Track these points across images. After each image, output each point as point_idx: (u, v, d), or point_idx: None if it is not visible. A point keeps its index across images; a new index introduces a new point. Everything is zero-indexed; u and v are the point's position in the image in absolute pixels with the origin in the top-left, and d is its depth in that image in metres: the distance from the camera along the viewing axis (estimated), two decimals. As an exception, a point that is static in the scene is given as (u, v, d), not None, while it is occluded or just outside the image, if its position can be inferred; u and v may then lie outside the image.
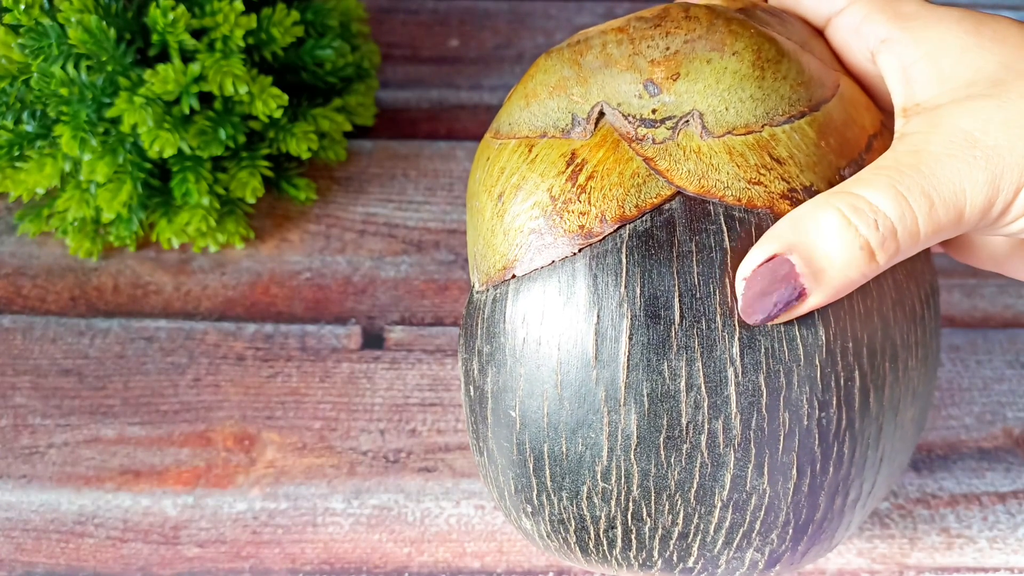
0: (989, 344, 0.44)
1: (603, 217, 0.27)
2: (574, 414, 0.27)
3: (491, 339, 0.28)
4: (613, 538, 0.28)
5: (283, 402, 0.41)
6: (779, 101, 0.28)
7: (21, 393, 0.42)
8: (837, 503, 0.28)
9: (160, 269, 0.45)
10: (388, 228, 0.47)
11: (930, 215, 0.26)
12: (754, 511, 0.27)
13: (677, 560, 0.29)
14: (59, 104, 0.42)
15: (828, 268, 0.26)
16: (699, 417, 0.26)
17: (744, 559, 0.28)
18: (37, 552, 0.37)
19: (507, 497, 0.30)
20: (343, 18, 0.48)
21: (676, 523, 0.27)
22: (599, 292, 0.27)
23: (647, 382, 0.26)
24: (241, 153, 0.45)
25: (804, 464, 0.27)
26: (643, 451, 0.27)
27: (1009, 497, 0.39)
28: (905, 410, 0.29)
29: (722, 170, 0.27)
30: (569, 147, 0.28)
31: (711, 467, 0.27)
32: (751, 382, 0.26)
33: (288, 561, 0.37)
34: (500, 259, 0.28)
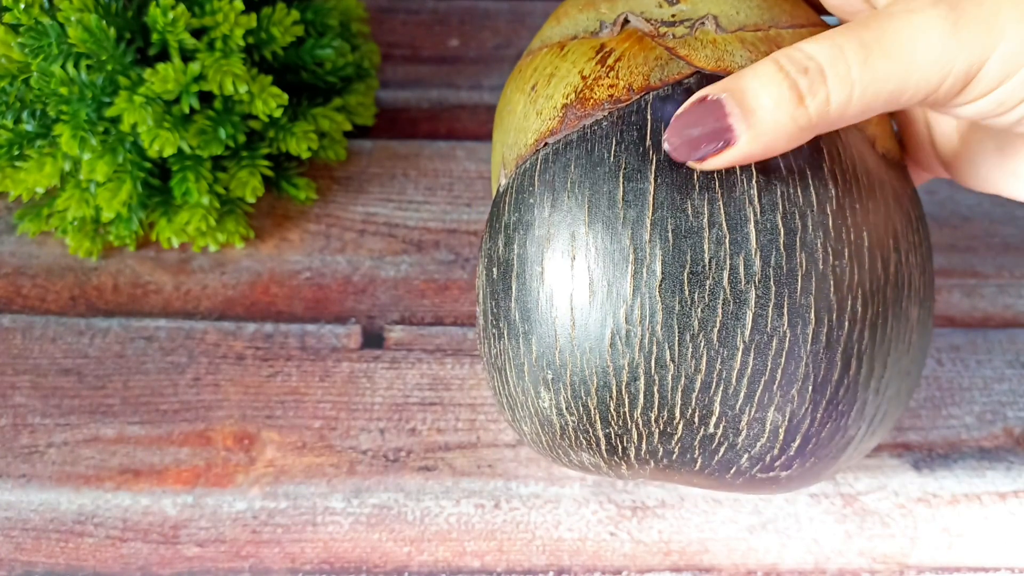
0: (989, 344, 0.44)
1: (630, 87, 0.29)
2: (601, 256, 0.28)
3: (519, 207, 0.30)
4: (635, 393, 0.29)
5: (283, 401, 0.41)
6: (781, 13, 0.31)
7: (21, 392, 0.42)
8: (852, 368, 0.29)
9: (160, 269, 0.45)
10: (388, 228, 0.47)
11: (866, 64, 0.25)
12: (775, 356, 0.28)
13: (699, 422, 0.29)
14: (59, 103, 0.42)
15: (757, 109, 0.25)
16: (721, 253, 0.28)
17: (765, 422, 0.29)
18: (36, 551, 0.37)
19: (526, 371, 0.30)
20: (343, 18, 0.48)
21: (699, 369, 0.28)
22: (625, 144, 0.29)
23: (671, 219, 0.28)
24: (241, 152, 0.45)
25: (821, 310, 0.28)
26: (668, 287, 0.28)
27: (1009, 497, 0.39)
28: (909, 307, 0.30)
29: (736, 54, 0.29)
30: (598, 42, 0.31)
31: (733, 305, 0.28)
32: (769, 220, 0.28)
33: (288, 560, 0.37)
34: (533, 135, 0.31)
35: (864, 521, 0.39)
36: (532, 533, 0.38)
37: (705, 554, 0.38)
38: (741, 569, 0.37)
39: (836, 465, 0.31)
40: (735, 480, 0.31)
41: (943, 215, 0.48)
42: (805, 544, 0.38)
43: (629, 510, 0.39)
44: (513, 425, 0.33)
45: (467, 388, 0.42)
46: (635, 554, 0.38)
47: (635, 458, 0.31)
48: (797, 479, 0.31)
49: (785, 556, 0.38)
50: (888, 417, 0.32)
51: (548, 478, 0.40)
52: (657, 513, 0.39)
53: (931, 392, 0.42)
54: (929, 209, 0.48)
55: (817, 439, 0.30)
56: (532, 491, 0.39)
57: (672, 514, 0.39)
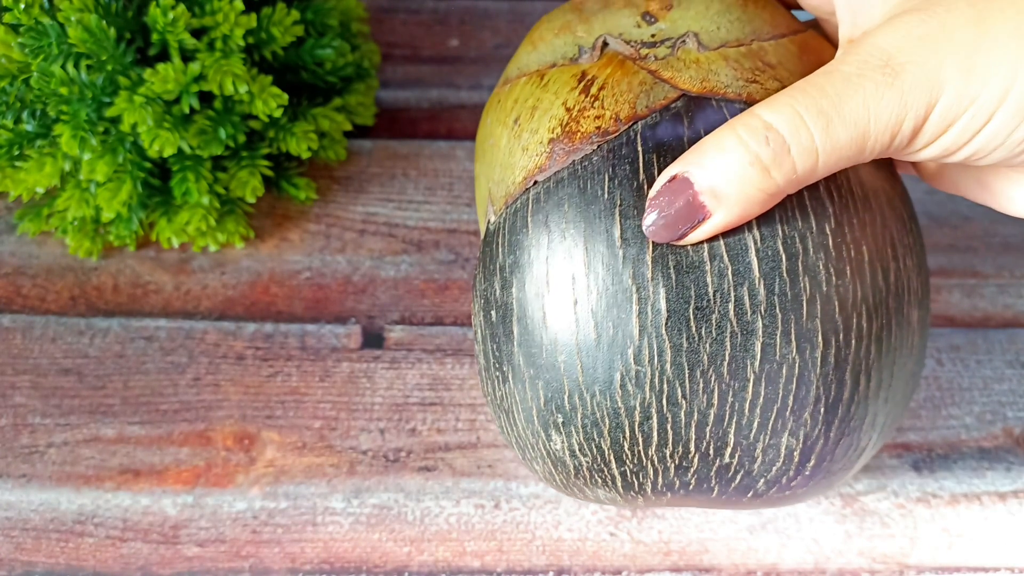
0: (989, 344, 0.44)
1: (617, 117, 0.29)
2: (603, 298, 0.28)
3: (514, 249, 0.30)
4: (648, 432, 0.28)
5: (283, 401, 0.41)
6: (762, 24, 0.31)
7: (21, 392, 0.42)
8: (862, 384, 0.29)
9: (160, 268, 0.45)
10: (388, 228, 0.47)
11: (827, 133, 0.25)
12: (786, 383, 0.28)
13: (714, 454, 0.29)
14: (59, 103, 0.42)
15: (724, 185, 0.26)
16: (725, 285, 0.27)
17: (780, 447, 0.29)
18: (37, 551, 0.37)
19: (535, 415, 0.30)
20: (343, 17, 0.48)
21: (712, 403, 0.28)
22: (619, 179, 0.28)
23: (672, 255, 0.27)
24: (241, 152, 0.45)
25: (828, 332, 0.28)
26: (674, 324, 0.27)
27: (1009, 497, 0.39)
28: (911, 311, 0.30)
29: (721, 73, 0.29)
30: (579, 69, 0.30)
31: (741, 336, 0.27)
32: (770, 248, 0.27)
33: (288, 560, 0.37)
34: (521, 172, 0.30)
35: (864, 521, 0.39)
36: (532, 533, 0.38)
37: (705, 554, 0.38)
38: (741, 569, 0.38)
39: (849, 473, 0.31)
40: (752, 501, 0.31)
41: (943, 215, 0.48)
42: (805, 544, 0.38)
43: (629, 510, 0.39)
44: (524, 463, 0.32)
45: (467, 388, 0.42)
46: (635, 554, 0.38)
47: (651, 492, 0.30)
48: (813, 491, 0.31)
49: (785, 556, 0.38)
50: (894, 419, 0.32)
51: (548, 478, 0.40)
52: (657, 513, 0.39)
53: (931, 392, 0.42)
54: (929, 209, 0.48)
55: (832, 456, 0.29)
56: (532, 491, 0.39)
57: (672, 514, 0.39)
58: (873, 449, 0.31)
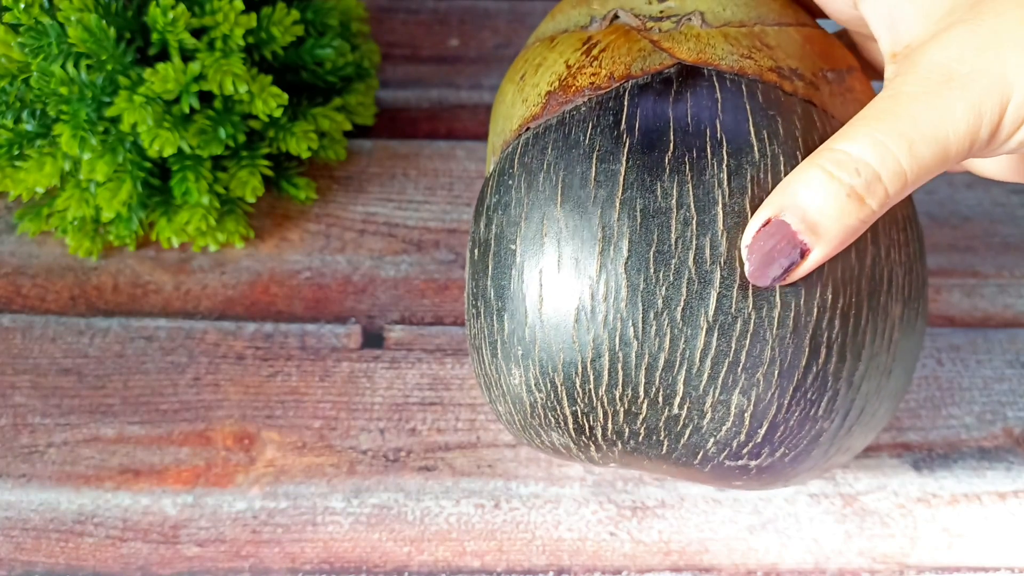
0: (989, 344, 0.44)
1: (612, 75, 0.30)
2: (571, 234, 0.29)
3: (499, 188, 0.31)
4: (600, 370, 0.29)
5: (283, 401, 0.41)
6: (768, 11, 0.32)
7: (21, 392, 0.42)
8: (822, 356, 0.29)
9: (160, 268, 0.45)
10: (388, 228, 0.47)
11: (911, 154, 0.26)
12: (739, 338, 0.28)
13: (663, 402, 0.29)
14: (59, 103, 0.42)
15: (822, 220, 0.26)
16: (688, 233, 0.28)
17: (730, 404, 0.29)
18: (36, 551, 0.37)
19: (499, 348, 0.31)
20: (343, 17, 0.48)
21: (663, 347, 0.29)
22: (601, 128, 0.30)
23: (640, 199, 0.29)
24: (241, 152, 0.45)
25: (787, 294, 0.28)
26: (633, 264, 0.28)
27: (1009, 497, 0.39)
28: (889, 303, 0.30)
29: (718, 47, 0.30)
30: (586, 35, 0.32)
31: (698, 284, 0.28)
32: (737, 203, 0.28)
33: (288, 560, 0.37)
34: (517, 120, 0.32)
35: (864, 521, 0.39)
36: (532, 533, 0.38)
37: (705, 554, 0.38)
38: (741, 569, 0.38)
39: (812, 461, 0.31)
40: (703, 467, 0.31)
41: (943, 215, 0.48)
42: (805, 544, 0.38)
43: (629, 510, 0.39)
44: (491, 406, 0.33)
45: (467, 388, 0.42)
46: (635, 554, 0.38)
47: (602, 438, 0.31)
48: (770, 472, 0.31)
49: (785, 556, 0.38)
50: (868, 414, 0.31)
51: (548, 478, 0.40)
52: (657, 513, 0.39)
53: (931, 392, 0.42)
54: (929, 209, 0.48)
55: (785, 427, 0.30)
56: (532, 491, 0.39)
57: (672, 514, 0.39)
58: (840, 439, 0.31)
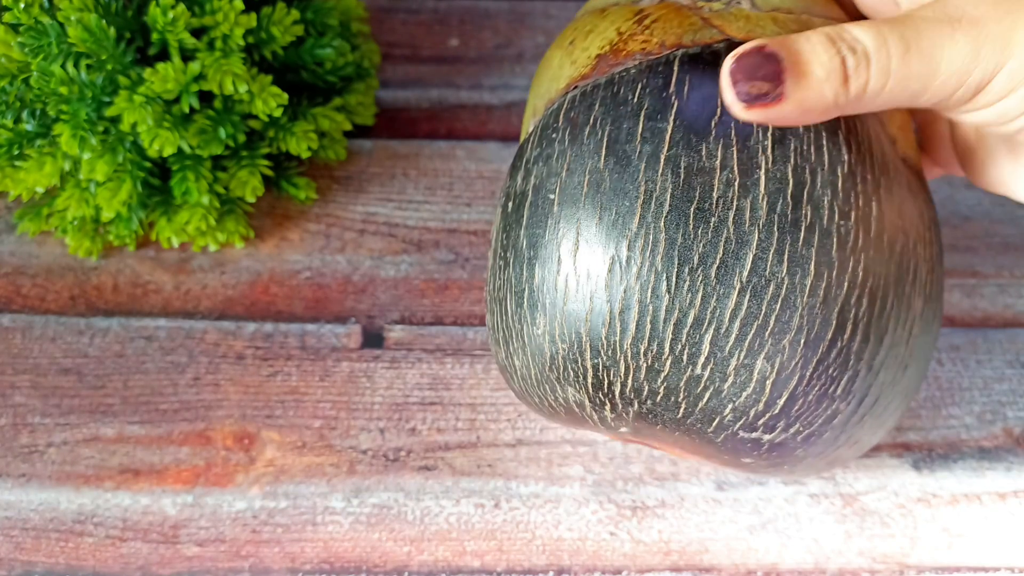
0: (989, 344, 0.44)
1: (663, 43, 0.31)
2: (613, 186, 0.29)
3: (542, 142, 0.31)
4: (627, 322, 0.29)
5: (283, 401, 0.41)
6: (814, 3, 0.32)
7: (20, 392, 0.42)
8: (847, 333, 0.29)
9: (160, 268, 0.45)
10: (388, 227, 0.47)
11: (904, 59, 0.27)
12: (770, 301, 0.28)
13: (687, 360, 0.29)
14: (59, 103, 0.42)
15: (808, 75, 0.27)
16: (729, 193, 0.28)
17: (753, 369, 0.29)
18: (36, 551, 0.37)
19: (526, 297, 0.31)
20: (343, 17, 0.48)
21: (693, 304, 0.29)
22: (650, 88, 0.30)
23: (685, 157, 0.29)
24: (241, 152, 0.45)
25: (821, 265, 0.28)
26: (673, 219, 0.29)
27: (1009, 497, 0.39)
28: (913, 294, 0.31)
29: (767, 29, 0.31)
30: (638, 8, 0.32)
31: (735, 244, 0.28)
32: (779, 170, 0.29)
33: (288, 560, 0.37)
34: (565, 80, 0.32)
35: (864, 521, 0.39)
36: (532, 533, 0.38)
37: (705, 554, 0.38)
38: (741, 569, 0.37)
39: (822, 445, 0.31)
40: (716, 436, 0.31)
41: (943, 215, 0.48)
42: (805, 544, 0.38)
43: (629, 510, 0.39)
44: (506, 363, 0.33)
45: (467, 388, 0.42)
46: (635, 554, 0.38)
47: (619, 395, 0.31)
48: (780, 450, 0.31)
49: (785, 556, 0.38)
50: (881, 406, 0.31)
51: (548, 478, 0.40)
52: (657, 513, 0.39)
53: (931, 392, 0.42)
54: (929, 209, 0.48)
55: (804, 401, 0.30)
56: (532, 491, 0.39)
57: (672, 514, 0.39)
58: (852, 427, 0.31)
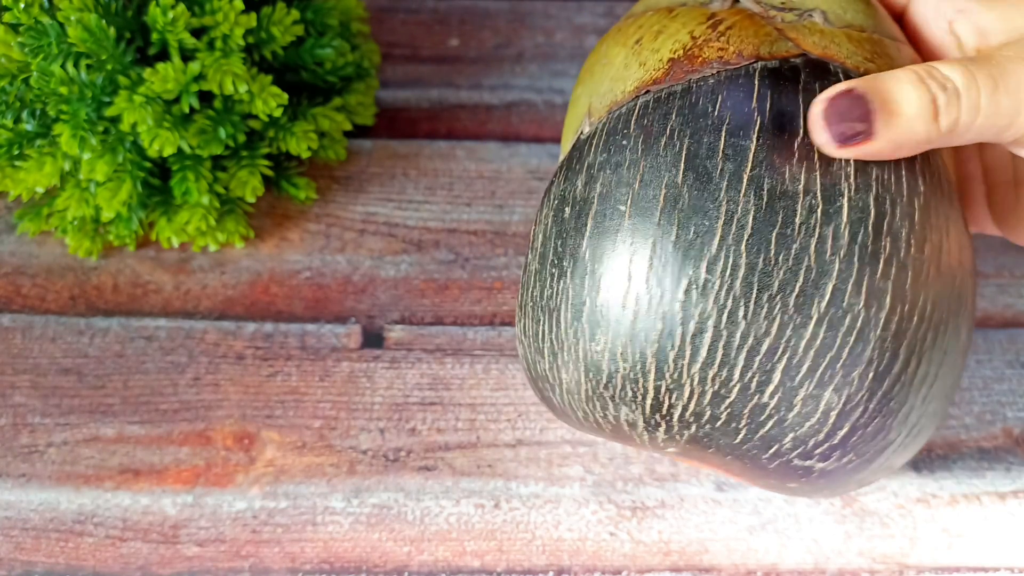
0: (989, 344, 0.44)
1: (740, 53, 0.30)
2: (692, 203, 0.28)
3: (609, 147, 0.30)
4: (698, 346, 0.28)
5: (283, 401, 0.41)
6: (881, 23, 0.32)
7: (20, 392, 0.42)
8: (912, 366, 0.29)
9: (160, 268, 0.45)
10: (388, 227, 0.47)
11: (993, 96, 0.28)
12: (846, 334, 0.28)
13: (755, 388, 0.28)
14: (59, 103, 0.42)
15: (897, 113, 0.28)
16: (812, 220, 0.28)
17: (821, 400, 0.28)
18: (36, 551, 0.37)
19: (586, 311, 0.29)
20: (343, 17, 0.48)
21: (769, 332, 0.28)
22: (732, 102, 0.29)
23: (768, 178, 0.28)
24: (241, 152, 0.45)
25: (896, 299, 0.28)
26: (755, 243, 0.28)
27: (1009, 497, 0.39)
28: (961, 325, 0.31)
29: (843, 46, 0.30)
30: (709, 11, 0.32)
31: (816, 273, 0.28)
32: (862, 199, 0.28)
33: (288, 560, 0.37)
34: (633, 83, 0.31)
35: (863, 521, 0.39)
36: (532, 533, 0.38)
37: (705, 554, 0.38)
38: (741, 569, 0.38)
39: (867, 473, 0.31)
40: (770, 463, 0.30)
41: (943, 215, 0.48)
42: (805, 544, 0.38)
43: (629, 510, 0.39)
44: (548, 374, 0.31)
45: (467, 388, 0.42)
46: (635, 554, 0.38)
47: (678, 419, 0.29)
48: (827, 478, 0.31)
49: (785, 556, 0.38)
50: (921, 433, 0.31)
51: (548, 478, 0.40)
52: (657, 513, 0.39)
53: (931, 392, 0.42)
54: (929, 209, 0.48)
55: (863, 432, 0.29)
56: (532, 491, 0.39)
57: (672, 514, 0.39)
58: (894, 454, 0.31)
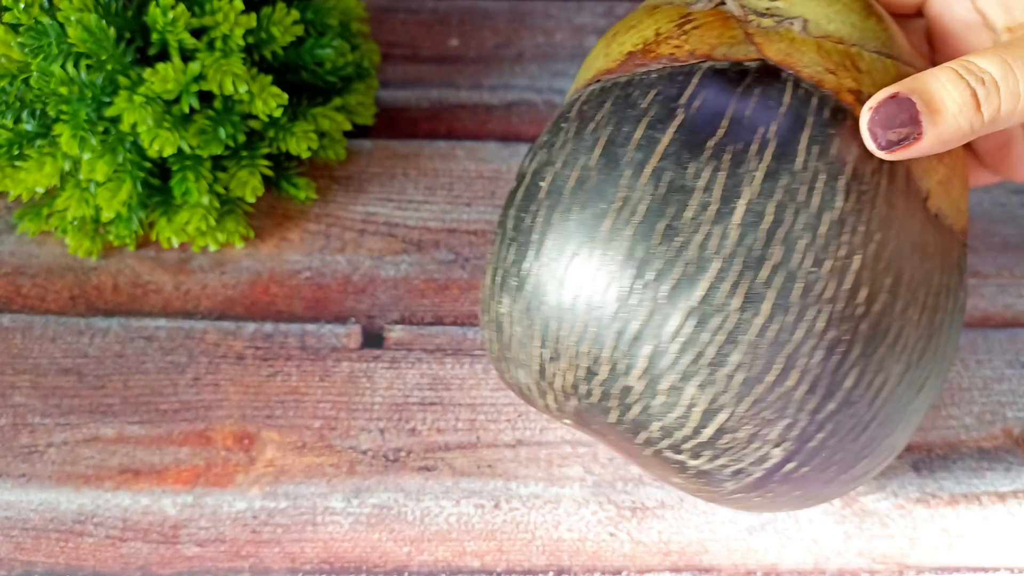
0: (989, 344, 0.44)
1: (693, 52, 0.31)
2: (596, 186, 0.30)
3: (552, 129, 0.32)
4: (574, 320, 0.30)
5: (283, 401, 0.41)
6: (874, 39, 0.32)
7: (20, 392, 0.42)
8: (791, 380, 0.29)
9: (160, 268, 0.45)
10: (388, 227, 0.47)
11: None
12: (714, 332, 0.28)
13: (623, 371, 0.29)
14: (59, 103, 0.42)
15: (942, 111, 0.29)
16: (702, 217, 0.28)
17: (683, 394, 0.29)
18: (36, 551, 0.37)
19: (499, 275, 0.32)
20: (343, 17, 0.48)
21: (637, 317, 0.29)
22: (662, 97, 0.30)
23: (671, 171, 0.29)
24: (241, 152, 0.45)
25: (778, 308, 0.28)
26: (641, 229, 0.29)
27: (1009, 497, 0.39)
28: (889, 358, 0.30)
29: (807, 55, 0.30)
30: (688, 10, 0.32)
31: (694, 268, 0.28)
32: (761, 204, 0.28)
33: (288, 560, 0.37)
34: (593, 72, 0.33)
35: (863, 521, 0.39)
36: (532, 533, 0.38)
37: (705, 554, 0.38)
38: (741, 569, 0.38)
39: (758, 490, 0.31)
40: (644, 449, 0.31)
41: (943, 215, 0.48)
42: (804, 544, 0.38)
43: (629, 510, 0.39)
44: (481, 333, 0.34)
45: (467, 388, 0.42)
46: (635, 554, 0.38)
47: (560, 389, 0.31)
48: (706, 479, 0.31)
49: (785, 556, 0.38)
50: (829, 462, 0.30)
51: (548, 478, 0.40)
52: (657, 514, 0.39)
53: (931, 392, 0.42)
54: (929, 209, 0.48)
55: (733, 436, 0.29)
56: (532, 491, 0.39)
57: (672, 515, 0.39)
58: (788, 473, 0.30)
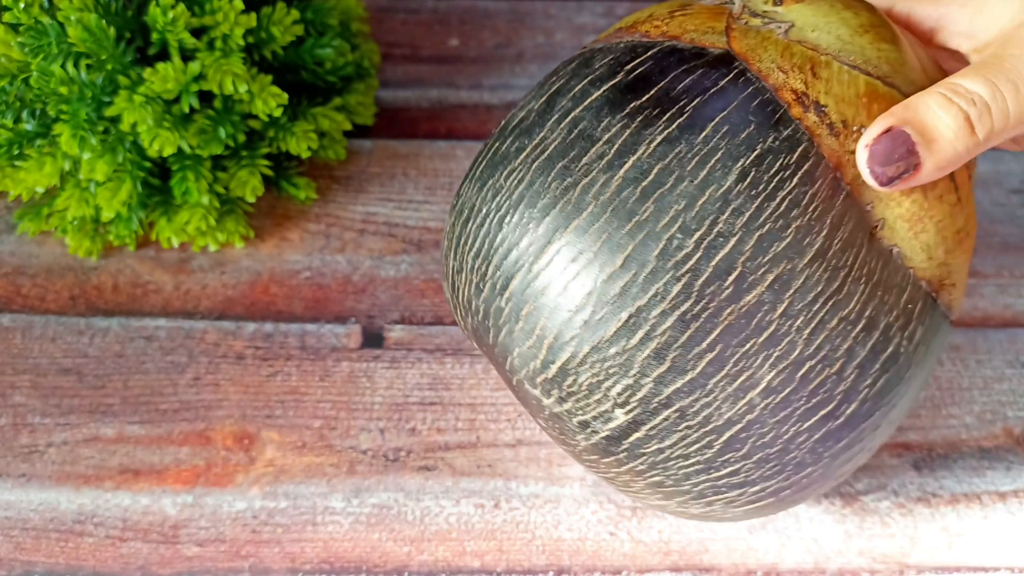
0: (989, 344, 0.44)
1: (665, 33, 0.32)
2: (526, 125, 0.33)
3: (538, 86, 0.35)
4: (473, 240, 0.33)
5: (283, 401, 0.41)
6: (858, 55, 0.31)
7: (21, 392, 0.42)
8: (635, 339, 0.30)
9: (160, 268, 0.45)
10: (388, 227, 0.47)
11: (1016, 98, 0.30)
12: (571, 269, 0.30)
13: (499, 289, 0.32)
14: (59, 103, 0.42)
15: (938, 138, 0.29)
16: (595, 165, 0.30)
17: (536, 323, 0.31)
18: (36, 551, 0.37)
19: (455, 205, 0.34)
20: (343, 17, 0.48)
21: (518, 244, 0.31)
22: (613, 63, 0.32)
23: (586, 121, 0.31)
24: (241, 152, 0.45)
25: (632, 260, 0.30)
26: (542, 165, 0.31)
27: (1009, 496, 0.39)
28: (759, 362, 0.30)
29: (768, 51, 0.31)
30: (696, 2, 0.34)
31: (572, 207, 0.30)
32: (648, 164, 0.30)
33: (288, 560, 0.37)
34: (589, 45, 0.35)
35: (864, 521, 0.39)
36: (532, 533, 0.38)
37: (705, 554, 0.38)
38: (741, 569, 0.37)
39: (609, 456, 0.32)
40: (512, 377, 0.32)
41: (943, 215, 0.48)
42: (805, 544, 0.38)
43: (629, 510, 0.39)
44: None
45: (467, 388, 0.42)
46: (635, 554, 0.38)
47: (462, 302, 0.34)
48: (560, 427, 0.32)
49: (785, 556, 0.38)
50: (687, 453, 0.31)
51: (548, 478, 0.40)
52: (657, 513, 0.39)
53: (931, 392, 0.42)
54: (929, 209, 0.48)
55: (575, 380, 0.31)
56: (532, 491, 0.39)
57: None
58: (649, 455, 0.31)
